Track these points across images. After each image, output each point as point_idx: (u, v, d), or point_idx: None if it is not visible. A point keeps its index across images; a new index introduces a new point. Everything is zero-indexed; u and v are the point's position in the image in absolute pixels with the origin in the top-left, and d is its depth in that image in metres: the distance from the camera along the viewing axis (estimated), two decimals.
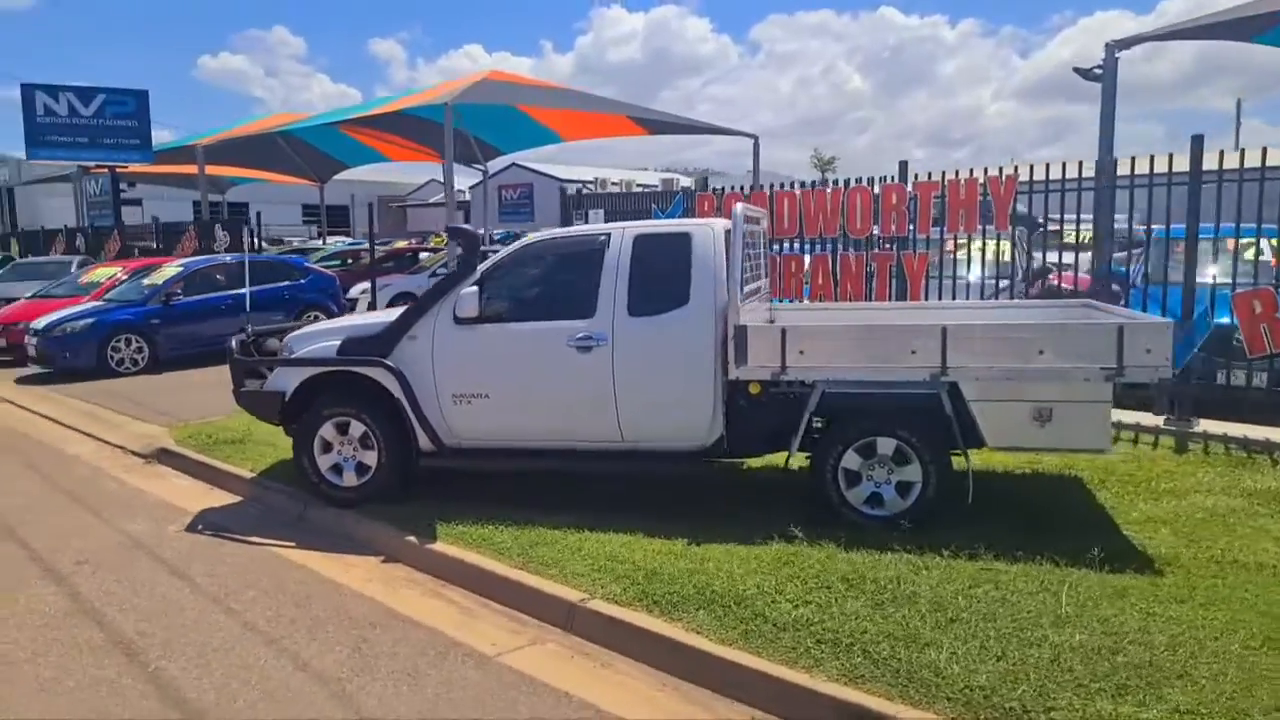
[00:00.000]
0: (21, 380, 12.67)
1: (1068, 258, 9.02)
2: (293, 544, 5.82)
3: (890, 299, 9.66)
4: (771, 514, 5.53)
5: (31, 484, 7.39)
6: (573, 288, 5.93)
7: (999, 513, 5.64)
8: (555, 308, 5.96)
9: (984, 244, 9.30)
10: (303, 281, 15.20)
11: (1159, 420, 7.94)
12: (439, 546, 5.40)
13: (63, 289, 15.95)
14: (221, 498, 6.99)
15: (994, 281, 9.30)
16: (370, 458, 6.19)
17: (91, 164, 28.10)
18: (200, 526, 6.20)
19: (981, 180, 9.06)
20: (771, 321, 7.08)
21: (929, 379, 5.32)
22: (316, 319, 14.60)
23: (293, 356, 6.37)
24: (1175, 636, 3.99)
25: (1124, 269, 10.02)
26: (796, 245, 10.44)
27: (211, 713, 3.74)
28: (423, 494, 6.21)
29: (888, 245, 9.79)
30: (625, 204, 12.58)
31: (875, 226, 9.82)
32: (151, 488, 7.27)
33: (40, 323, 12.97)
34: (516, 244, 6.32)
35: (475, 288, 5.91)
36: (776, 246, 10.53)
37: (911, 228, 9.54)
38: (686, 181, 22.63)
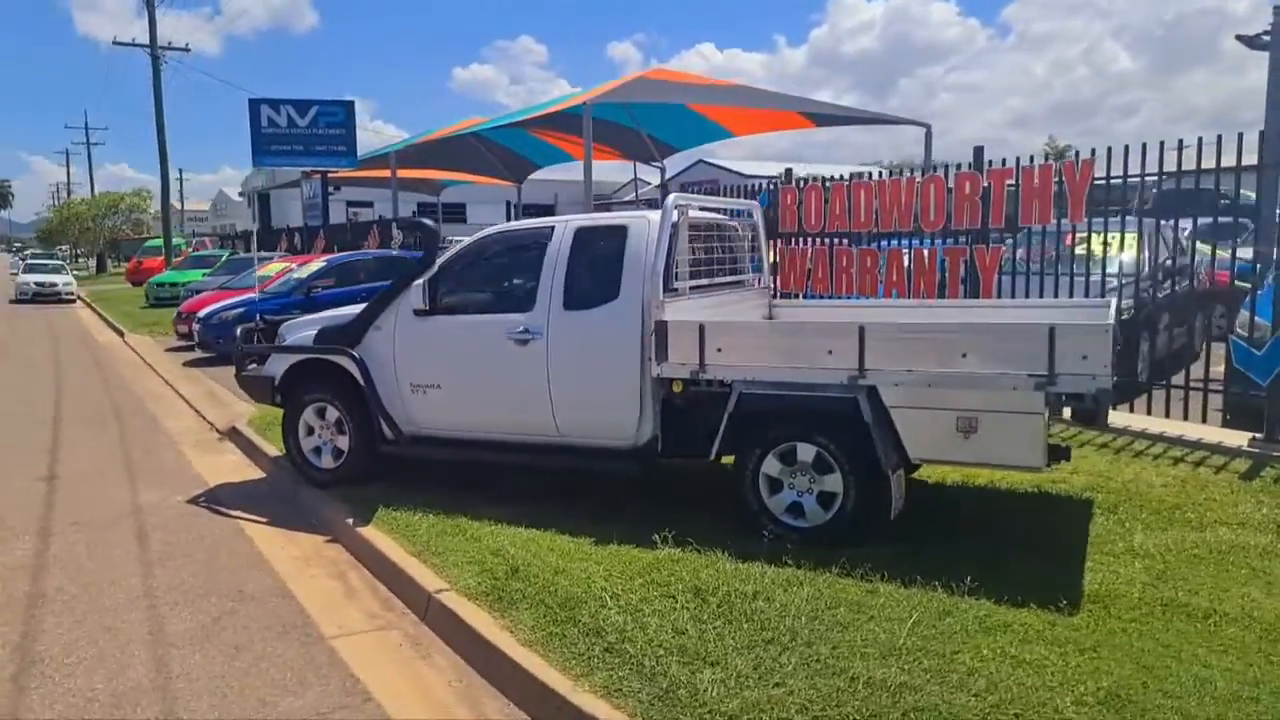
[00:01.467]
0: (189, 363, 14.22)
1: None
2: (264, 520, 6.22)
3: (962, 295, 8.97)
4: (714, 519, 5.30)
5: (105, 452, 8.32)
6: (517, 281, 5.95)
7: (963, 533, 5.19)
8: (500, 301, 6.02)
9: (1109, 237, 8.25)
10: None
11: (1243, 441, 6.90)
12: (364, 530, 5.60)
13: (240, 282, 17.72)
14: (251, 474, 7.57)
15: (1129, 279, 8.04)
16: (344, 442, 6.51)
17: (307, 169, 30.90)
18: (202, 499, 6.75)
19: (1056, 166, 8.21)
20: (769, 318, 6.80)
21: (846, 382, 4.91)
22: None
23: (282, 344, 6.81)
24: (1004, 681, 3.48)
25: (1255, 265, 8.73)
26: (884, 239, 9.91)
27: (42, 664, 4.11)
28: (397, 479, 6.44)
29: (962, 239, 9.08)
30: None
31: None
32: (201, 462, 7.98)
33: (203, 312, 14.51)
34: (474, 236, 6.42)
35: (426, 281, 6.06)
36: (842, 241, 10.07)
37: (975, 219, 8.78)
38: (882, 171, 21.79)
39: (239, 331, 7.26)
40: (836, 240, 10.28)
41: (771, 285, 7.07)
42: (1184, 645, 3.86)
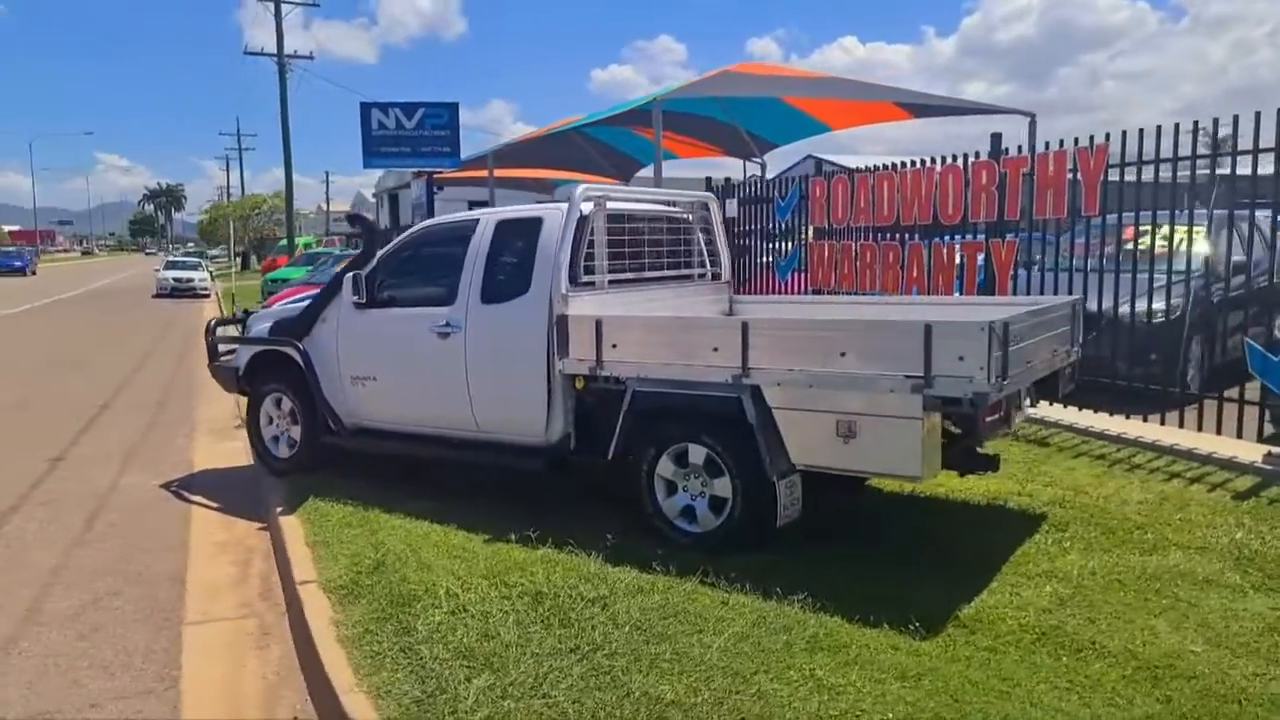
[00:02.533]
0: None
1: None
2: (215, 506, 6.43)
3: (975, 293, 8.43)
4: (635, 521, 5.14)
5: (124, 436, 8.78)
6: (443, 274, 5.92)
7: (876, 546, 4.97)
8: (428, 294, 6.00)
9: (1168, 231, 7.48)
10: None
11: (1258, 456, 6.19)
12: (284, 519, 5.69)
13: (322, 277, 18.50)
14: (242, 461, 7.83)
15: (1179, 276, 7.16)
16: (297, 432, 6.65)
17: (417, 170, 31.94)
18: (175, 485, 7.01)
19: (1071, 152, 7.59)
20: (728, 314, 6.57)
21: (730, 381, 4.65)
22: None
23: (245, 335, 7.01)
24: (786, 705, 3.21)
25: None
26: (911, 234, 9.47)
27: None
28: (343, 469, 6.53)
29: (980, 233, 8.54)
30: (756, 191, 12.02)
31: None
32: (204, 449, 8.33)
33: (276, 305, 15.20)
34: (411, 229, 6.43)
35: (359, 273, 6.11)
36: (866, 235, 9.68)
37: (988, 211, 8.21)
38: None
39: (211, 322, 7.52)
40: (861, 235, 9.86)
41: (730, 280, 6.78)
42: (1029, 680, 3.47)
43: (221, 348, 7.27)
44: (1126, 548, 4.86)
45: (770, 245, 11.52)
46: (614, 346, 5.02)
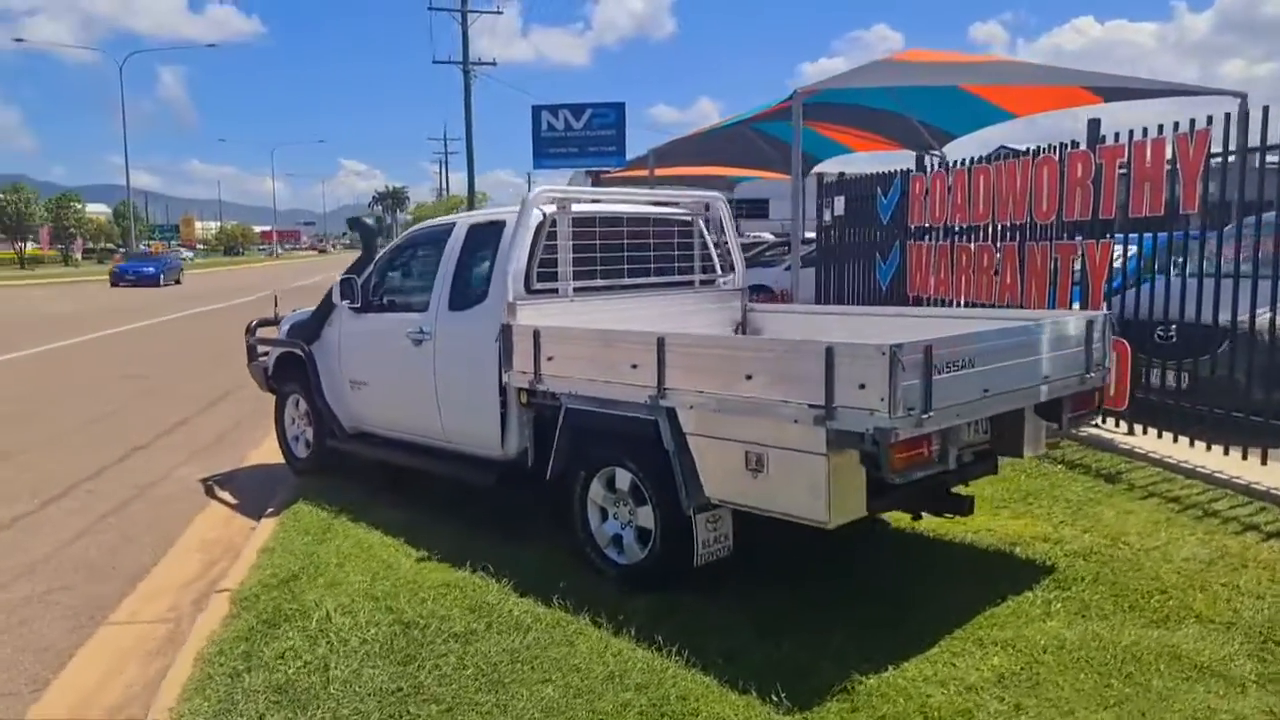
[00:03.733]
0: None
1: None
2: (233, 503, 6.62)
3: (1069, 304, 7.46)
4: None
5: (214, 427, 9.25)
6: (422, 279, 5.80)
7: (826, 592, 4.41)
8: (409, 300, 5.90)
9: None
10: None
11: None
12: (264, 520, 5.78)
13: None
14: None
15: None
16: (311, 434, 6.75)
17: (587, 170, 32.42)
18: (215, 479, 7.25)
19: (1170, 139, 6.52)
20: (740, 323, 6.11)
21: (648, 401, 4.22)
22: None
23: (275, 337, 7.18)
24: None
25: None
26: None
27: None
28: (348, 473, 6.57)
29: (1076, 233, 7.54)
30: (862, 188, 11.22)
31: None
32: (268, 443, 8.67)
33: None
34: (405, 233, 6.33)
35: (350, 277, 6.09)
36: (961, 236, 8.83)
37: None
38: None
39: (251, 323, 7.76)
40: (958, 235, 8.97)
41: (743, 287, 6.24)
42: None
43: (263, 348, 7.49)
44: (1129, 616, 4.04)
45: (875, 248, 10.73)
46: (550, 360, 4.70)
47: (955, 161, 8.95)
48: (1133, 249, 7.34)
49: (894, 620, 4.04)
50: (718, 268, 6.14)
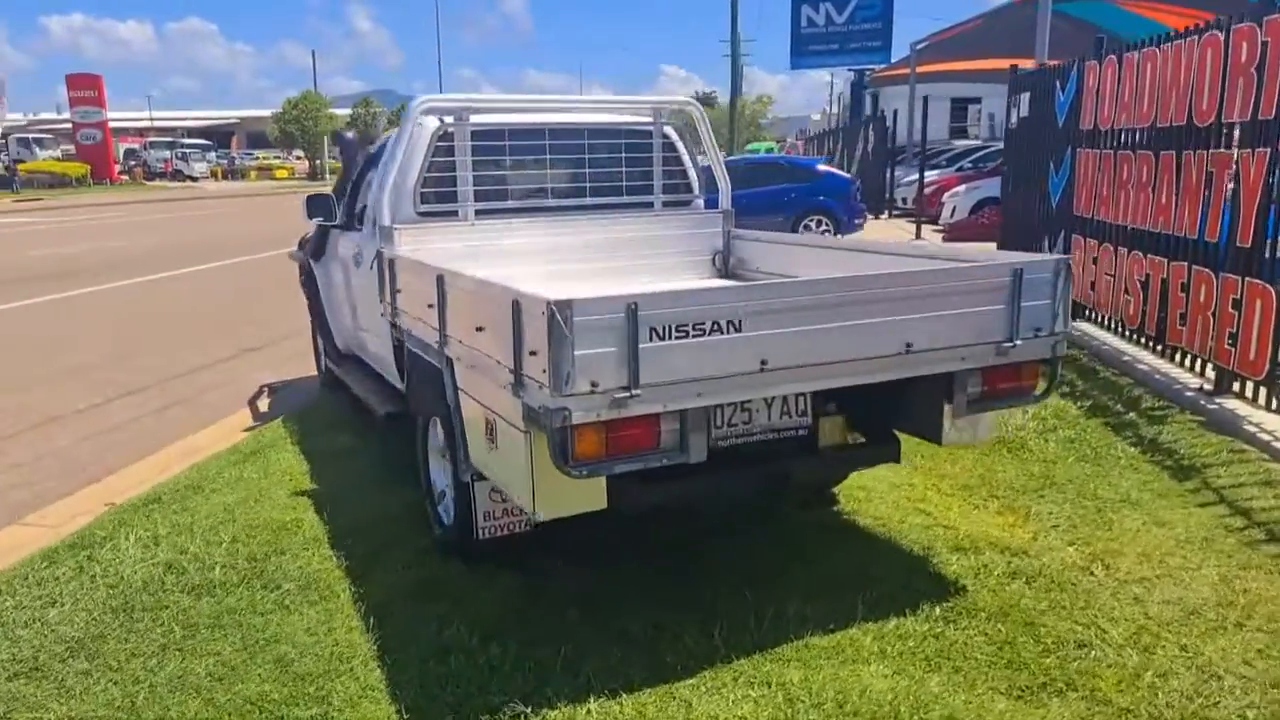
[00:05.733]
0: None
1: None
2: (262, 411, 6.85)
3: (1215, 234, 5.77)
4: None
5: None
6: (370, 196, 5.48)
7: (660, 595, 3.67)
8: (360, 217, 5.61)
9: None
10: (809, 184, 14.89)
11: None
12: (242, 434, 5.91)
13: None
14: None
15: None
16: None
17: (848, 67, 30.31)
18: (266, 387, 7.50)
19: None
20: (721, 253, 5.32)
21: (437, 348, 3.66)
22: (820, 223, 14.46)
23: None
24: None
25: None
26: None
27: None
28: None
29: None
30: (1046, 82, 9.27)
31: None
32: None
33: None
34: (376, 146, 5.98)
35: (319, 193, 5.92)
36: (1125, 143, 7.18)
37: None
38: None
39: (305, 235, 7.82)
40: (1124, 140, 7.19)
41: (729, 209, 5.28)
42: None
43: None
44: (988, 675, 2.99)
45: (1050, 156, 8.91)
46: (399, 292, 4.25)
47: (1141, 43, 7.03)
48: None
49: (679, 632, 3.27)
50: (694, 187, 5.27)
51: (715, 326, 2.79)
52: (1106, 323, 7.53)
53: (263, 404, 6.90)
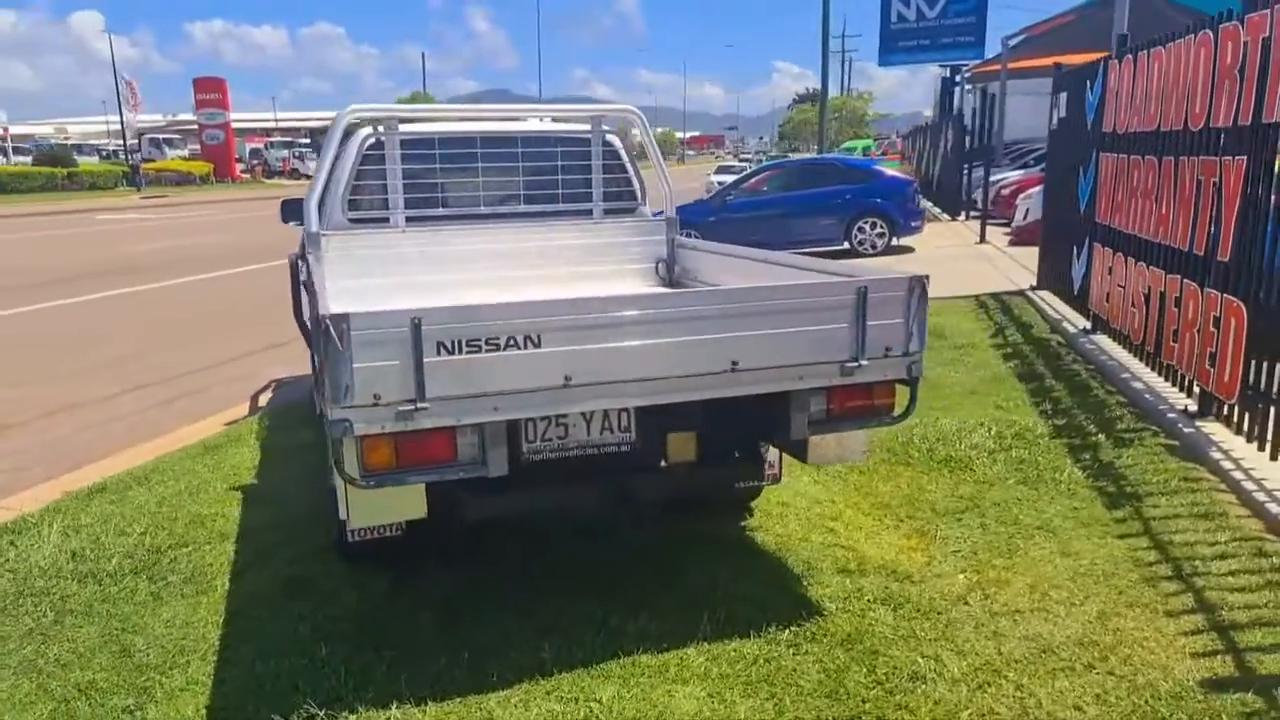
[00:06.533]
0: None
1: None
2: (262, 405, 7.18)
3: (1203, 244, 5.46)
4: None
5: None
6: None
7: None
8: None
9: None
10: (864, 185, 14.52)
11: None
12: (226, 426, 6.20)
13: None
14: None
15: None
16: None
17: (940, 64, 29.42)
18: (275, 381, 7.86)
19: None
20: (665, 261, 5.31)
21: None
22: (874, 225, 14.18)
23: None
24: None
25: None
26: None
27: None
28: None
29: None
30: (1080, 82, 8.83)
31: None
32: None
33: None
34: None
35: (293, 199, 6.09)
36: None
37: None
38: None
39: None
40: (1135, 145, 6.84)
41: (674, 216, 5.21)
42: None
43: None
44: (740, 702, 2.90)
45: (1079, 158, 8.50)
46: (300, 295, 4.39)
47: (1150, 42, 6.65)
48: None
49: (516, 642, 3.29)
50: (637, 195, 5.26)
51: (511, 342, 2.81)
52: (1119, 337, 7.16)
53: (263, 398, 7.18)
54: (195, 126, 54.83)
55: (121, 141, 49.20)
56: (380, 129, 4.74)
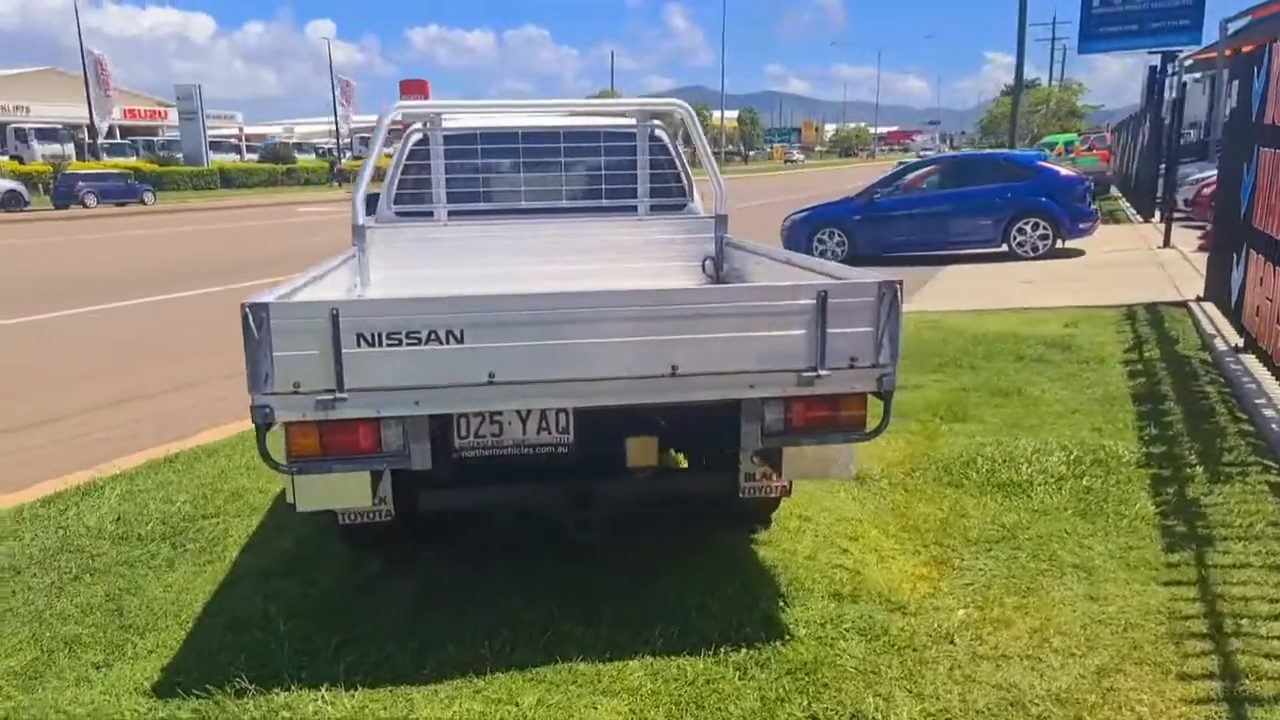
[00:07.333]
0: None
1: None
2: None
3: None
4: None
5: None
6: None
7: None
8: None
9: None
10: (1028, 183, 13.51)
11: None
12: None
13: None
14: None
15: None
16: None
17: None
18: None
19: None
20: (714, 260, 5.21)
21: None
22: (1036, 225, 13.37)
23: None
24: None
25: None
26: None
27: None
28: None
29: None
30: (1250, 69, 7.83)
31: None
32: None
33: (787, 220, 15.03)
34: None
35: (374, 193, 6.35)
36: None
37: None
38: None
39: None
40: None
41: (724, 213, 4.98)
42: None
43: None
44: None
45: (1245, 152, 7.57)
46: None
47: None
48: None
49: (461, 640, 3.27)
50: (686, 191, 5.11)
51: (433, 336, 2.79)
52: (1264, 357, 6.32)
53: None
54: (397, 126, 58.54)
55: (335, 139, 53.14)
56: (426, 125, 4.85)
